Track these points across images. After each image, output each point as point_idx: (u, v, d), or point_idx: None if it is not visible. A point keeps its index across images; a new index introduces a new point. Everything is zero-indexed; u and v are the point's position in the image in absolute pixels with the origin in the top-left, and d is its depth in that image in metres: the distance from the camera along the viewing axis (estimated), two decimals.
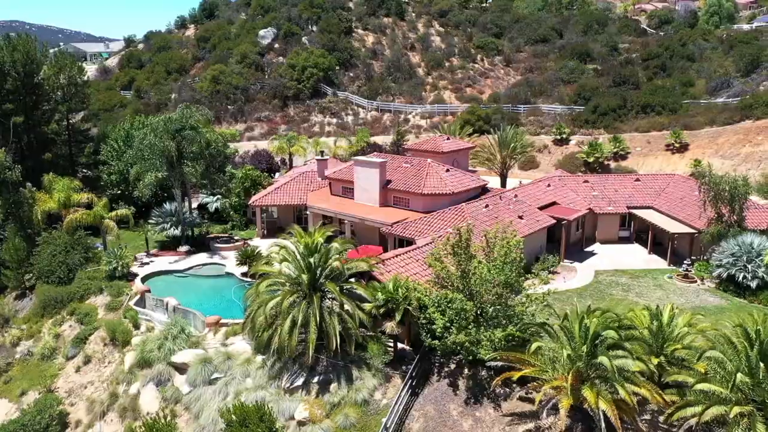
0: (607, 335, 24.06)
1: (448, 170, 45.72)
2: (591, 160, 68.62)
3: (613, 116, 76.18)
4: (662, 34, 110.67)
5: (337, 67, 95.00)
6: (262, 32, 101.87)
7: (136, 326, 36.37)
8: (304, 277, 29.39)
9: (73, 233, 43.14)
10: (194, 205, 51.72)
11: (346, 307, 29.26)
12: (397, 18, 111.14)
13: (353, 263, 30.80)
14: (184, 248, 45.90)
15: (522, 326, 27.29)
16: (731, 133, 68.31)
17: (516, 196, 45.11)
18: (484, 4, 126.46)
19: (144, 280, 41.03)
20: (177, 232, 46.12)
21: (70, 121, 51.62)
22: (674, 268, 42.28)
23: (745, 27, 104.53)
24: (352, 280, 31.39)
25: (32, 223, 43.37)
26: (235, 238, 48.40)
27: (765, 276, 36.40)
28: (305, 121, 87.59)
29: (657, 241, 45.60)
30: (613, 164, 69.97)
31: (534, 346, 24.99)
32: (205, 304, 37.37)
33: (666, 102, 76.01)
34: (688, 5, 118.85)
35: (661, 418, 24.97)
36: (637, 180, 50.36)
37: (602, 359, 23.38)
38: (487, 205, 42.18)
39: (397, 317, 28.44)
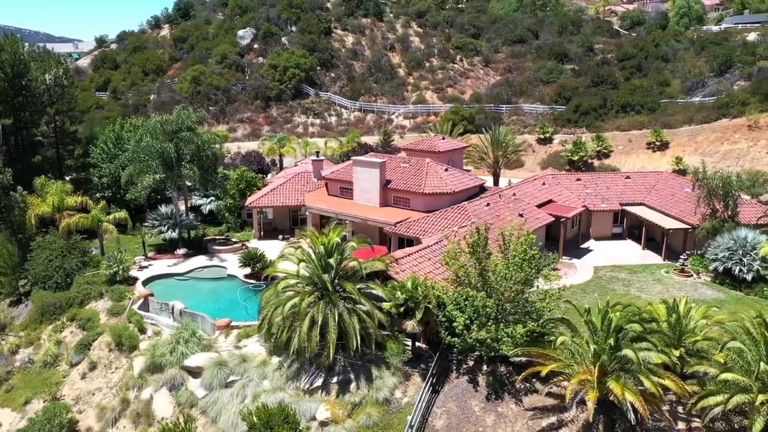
0: (631, 329, 24.68)
1: (446, 170, 46.12)
2: (576, 158, 69.90)
3: (594, 115, 77.76)
4: (635, 35, 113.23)
5: (318, 68, 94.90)
6: (241, 32, 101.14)
7: (142, 331, 35.83)
8: (325, 277, 29.34)
9: (68, 237, 42.24)
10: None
11: (365, 306, 29.32)
12: (375, 18, 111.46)
13: (369, 263, 30.86)
14: (181, 251, 45.33)
15: (543, 322, 27.76)
16: (709, 131, 70.31)
17: (514, 194, 45.74)
18: (460, 5, 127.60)
19: (145, 283, 40.42)
20: (174, 234, 45.53)
21: (58, 123, 50.35)
22: (669, 263, 43.38)
23: (714, 28, 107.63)
24: (364, 279, 31.43)
25: (25, 228, 42.28)
26: (233, 240, 48.00)
27: (760, 269, 37.67)
28: (288, 122, 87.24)
29: (649, 237, 46.75)
30: (596, 162, 71.35)
31: (560, 340, 25.50)
32: (208, 307, 36.95)
33: (645, 101, 77.90)
34: (659, 7, 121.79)
35: (680, 408, 25.77)
36: (628, 177, 51.53)
37: (627, 352, 23.97)
38: (488, 204, 42.71)
39: (418, 316, 28.64)
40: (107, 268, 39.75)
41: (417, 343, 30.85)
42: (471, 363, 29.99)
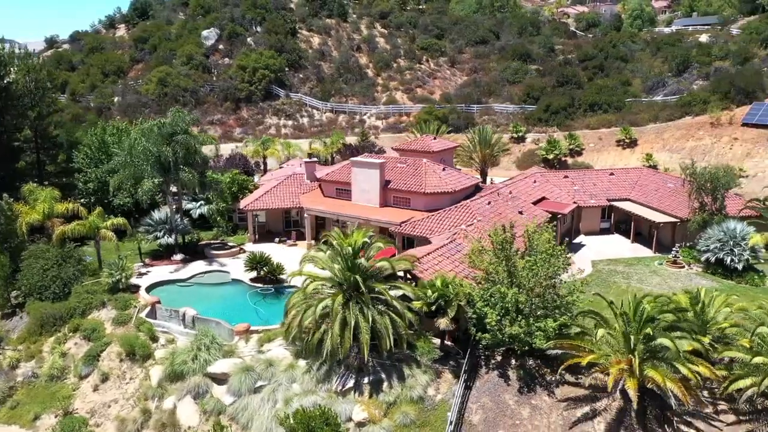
0: (664, 318, 25.80)
1: (444, 169, 46.74)
2: (551, 156, 71.75)
3: (564, 114, 80.00)
4: (591, 36, 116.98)
5: (287, 69, 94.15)
6: (205, 33, 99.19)
7: (153, 339, 34.97)
8: (357, 278, 29.38)
9: (61, 245, 40.76)
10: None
11: (397, 306, 29.53)
12: (340, 19, 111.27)
13: (396, 263, 31.07)
14: (178, 257, 44.37)
15: (574, 314, 28.66)
16: (674, 128, 73.45)
17: (510, 192, 46.76)
18: (420, 6, 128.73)
19: (147, 291, 39.44)
20: (171, 240, 44.49)
21: (39, 127, 48.25)
22: (659, 255, 45.24)
23: (666, 30, 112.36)
24: (393, 279, 31.67)
25: (15, 237, 40.50)
26: (230, 244, 47.25)
27: (750, 258, 39.86)
28: (260, 124, 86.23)
29: (637, 231, 48.59)
30: (570, 160, 73.48)
31: (600, 333, 26.38)
32: (217, 313, 36.31)
33: (611, 100, 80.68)
34: (612, 9, 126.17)
35: (704, 393, 27.11)
36: (612, 174, 53.41)
37: (664, 341, 25.09)
38: (489, 202, 43.52)
39: (451, 313, 29.09)
40: (109, 276, 38.57)
41: (442, 341, 31.28)
42: (499, 358, 30.66)
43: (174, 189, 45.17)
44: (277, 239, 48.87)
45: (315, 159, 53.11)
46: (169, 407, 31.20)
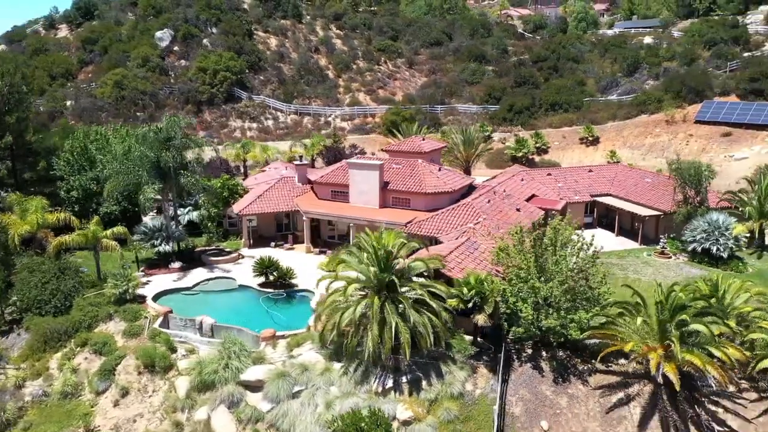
0: (696, 305, 27.45)
1: (440, 169, 47.55)
2: (520, 155, 73.91)
3: (527, 114, 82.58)
4: (539, 38, 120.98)
5: (247, 71, 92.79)
6: (158, 34, 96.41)
7: (172, 350, 34.07)
8: (395, 279, 29.65)
9: (56, 257, 39.01)
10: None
11: (433, 305, 30.01)
12: (295, 20, 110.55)
13: (429, 262, 31.50)
14: (176, 264, 43.21)
15: (607, 305, 30.01)
16: (633, 126, 77.31)
17: (504, 190, 48.07)
18: (372, 8, 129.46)
19: (154, 300, 38.29)
20: (168, 248, 43.25)
21: (16, 133, 45.64)
22: (645, 247, 47.60)
23: (609, 32, 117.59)
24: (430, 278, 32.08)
25: (7, 249, 38.39)
26: (227, 250, 46.38)
27: (734, 247, 42.61)
28: (224, 127, 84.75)
29: (619, 224, 50.94)
30: (537, 158, 75.98)
31: (639, 321, 27.75)
32: (231, 320, 35.73)
33: (570, 100, 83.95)
34: (557, 12, 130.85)
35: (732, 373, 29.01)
36: (591, 171, 55.70)
37: (698, 326, 26.70)
38: (488, 201, 44.62)
39: (488, 310, 29.84)
40: (114, 287, 37.18)
41: (475, 337, 31.98)
42: (529, 351, 31.66)
43: (169, 195, 43.89)
44: (273, 243, 48.34)
45: (306, 162, 52.71)
46: (202, 418, 30.51)
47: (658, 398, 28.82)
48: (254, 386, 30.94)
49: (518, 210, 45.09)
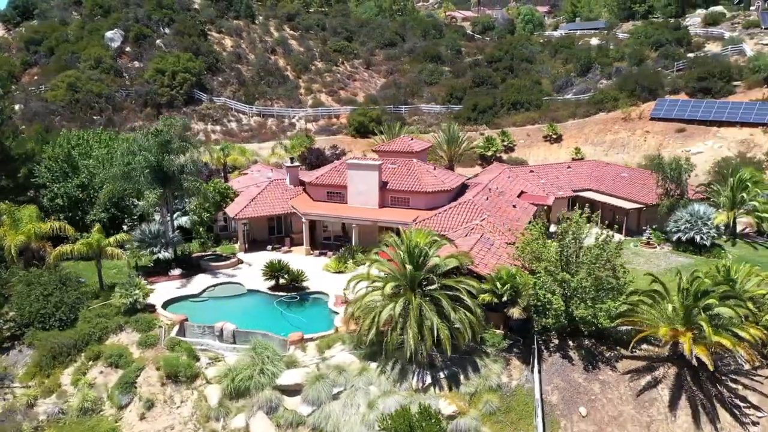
0: (719, 289, 29.27)
1: (434, 168, 48.25)
2: (489, 153, 75.66)
3: (491, 113, 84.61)
4: (488, 39, 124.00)
5: (205, 72, 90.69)
6: (109, 34, 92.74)
7: (195, 358, 33.21)
8: (433, 276, 30.06)
9: (55, 268, 37.22)
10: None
11: (468, 301, 30.61)
12: (248, 21, 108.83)
13: (460, 259, 32.03)
14: (176, 272, 41.94)
15: (632, 293, 31.51)
16: (593, 124, 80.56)
17: (496, 188, 49.27)
18: (323, 9, 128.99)
19: (163, 308, 37.18)
20: (168, 254, 41.98)
21: None
22: (629, 238, 49.92)
23: (556, 33, 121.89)
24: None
25: (4, 261, 36.27)
26: (224, 255, 45.40)
27: (715, 236, 45.42)
28: (187, 130, 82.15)
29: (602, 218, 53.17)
30: (505, 156, 77.95)
31: (670, 307, 29.29)
32: (242, 324, 35.13)
33: (531, 99, 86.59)
34: (503, 14, 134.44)
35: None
36: (569, 167, 57.88)
37: (723, 309, 28.52)
38: (487, 198, 45.67)
39: (523, 303, 30.74)
40: (123, 296, 35.80)
41: (505, 330, 32.80)
42: (556, 341, 32.80)
43: (167, 199, 42.57)
44: (269, 247, 47.71)
45: (297, 164, 52.20)
46: (240, 426, 29.93)
47: (683, 379, 30.54)
48: (291, 390, 30.66)
49: (514, 206, 46.37)
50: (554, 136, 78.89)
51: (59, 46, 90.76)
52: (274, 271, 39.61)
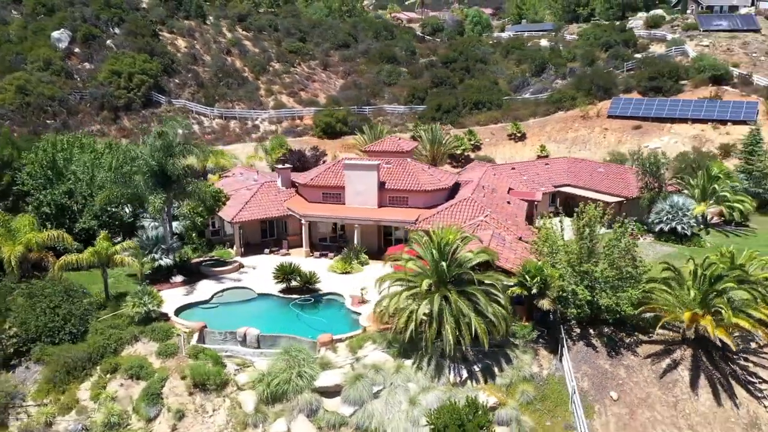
0: (733, 274, 31.27)
1: (429, 167, 48.89)
2: (459, 152, 76.98)
3: (455, 113, 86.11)
4: (438, 40, 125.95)
5: (161, 74, 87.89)
6: (55, 34, 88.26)
7: (222, 365, 32.49)
8: (470, 272, 30.64)
9: (59, 279, 35.47)
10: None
11: (499, 295, 31.39)
12: (199, 21, 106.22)
13: (491, 255, 32.72)
14: (178, 278, 40.76)
15: (649, 280, 33.16)
16: (554, 122, 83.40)
17: (488, 185, 50.40)
18: (273, 9, 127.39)
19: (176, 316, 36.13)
20: (170, 261, 40.68)
21: None
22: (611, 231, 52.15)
23: (504, 35, 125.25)
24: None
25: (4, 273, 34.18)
26: (224, 260, 44.41)
27: (695, 225, 48.23)
28: (146, 133, 79.29)
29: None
30: (472, 155, 79.53)
31: (692, 294, 31.02)
32: (261, 329, 34.70)
33: (492, 99, 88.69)
34: (452, 15, 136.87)
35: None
36: (547, 164, 59.89)
37: (739, 293, 30.52)
38: (484, 195, 46.72)
39: (552, 294, 31.80)
40: (137, 306, 34.54)
41: (532, 322, 33.74)
42: (578, 330, 34.09)
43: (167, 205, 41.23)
44: (267, 250, 47.01)
45: (288, 165, 51.54)
46: (281, 430, 29.53)
47: (699, 360, 32.43)
48: (329, 392, 30.56)
49: (508, 203, 47.65)
50: (518, 135, 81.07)
51: (1, 47, 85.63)
52: (285, 273, 39.16)
